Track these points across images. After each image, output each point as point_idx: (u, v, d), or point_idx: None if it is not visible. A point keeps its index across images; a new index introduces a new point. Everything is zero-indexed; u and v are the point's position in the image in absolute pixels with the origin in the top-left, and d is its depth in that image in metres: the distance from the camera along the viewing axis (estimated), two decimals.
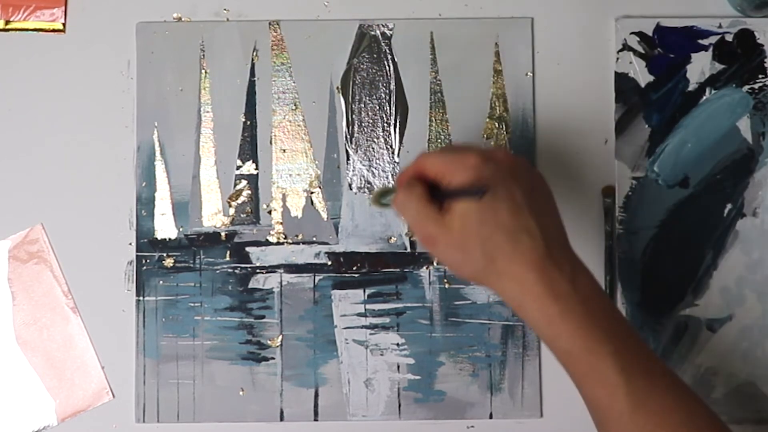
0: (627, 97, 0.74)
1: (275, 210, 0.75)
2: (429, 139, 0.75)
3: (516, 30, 0.75)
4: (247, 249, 0.74)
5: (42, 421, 0.74)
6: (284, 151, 0.75)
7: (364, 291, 0.74)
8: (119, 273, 0.74)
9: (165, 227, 0.74)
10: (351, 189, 0.75)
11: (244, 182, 0.75)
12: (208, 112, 0.75)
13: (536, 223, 0.60)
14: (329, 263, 0.74)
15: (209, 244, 0.74)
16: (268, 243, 0.74)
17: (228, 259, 0.74)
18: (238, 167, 0.75)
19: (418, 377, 0.74)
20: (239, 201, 0.75)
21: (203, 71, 0.75)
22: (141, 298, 0.74)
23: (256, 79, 0.75)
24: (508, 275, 0.60)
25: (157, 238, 0.74)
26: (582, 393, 0.61)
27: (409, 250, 0.74)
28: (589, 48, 0.75)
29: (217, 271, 0.74)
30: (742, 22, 0.75)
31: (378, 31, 0.75)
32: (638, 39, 0.74)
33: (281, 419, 0.74)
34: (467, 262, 0.61)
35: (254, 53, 0.75)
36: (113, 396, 0.74)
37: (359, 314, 0.74)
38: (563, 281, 0.59)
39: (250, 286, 0.74)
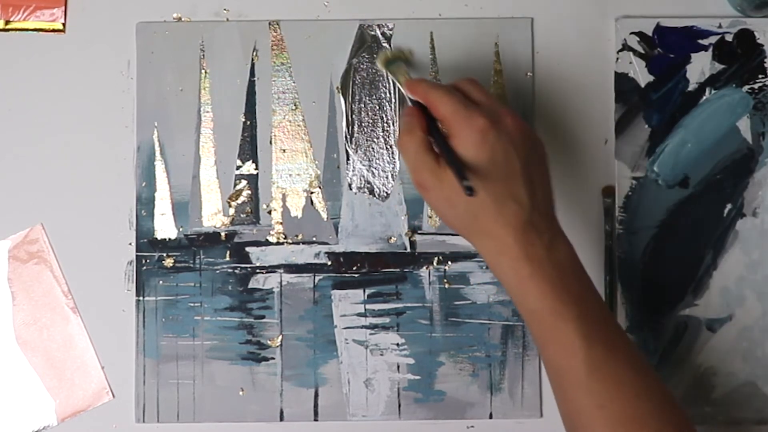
0: (627, 97, 0.74)
1: (275, 210, 0.75)
2: None
3: (516, 30, 0.75)
4: (247, 249, 0.74)
5: (42, 421, 0.74)
6: (284, 151, 0.75)
7: (364, 291, 0.74)
8: (119, 273, 0.74)
9: (165, 227, 0.74)
10: (351, 189, 0.75)
11: (244, 182, 0.75)
12: (208, 112, 0.75)
13: (526, 191, 0.63)
14: (329, 263, 0.74)
15: (209, 244, 0.74)
16: (268, 243, 0.74)
17: (228, 259, 0.74)
18: (238, 167, 0.75)
19: (418, 377, 0.74)
20: (239, 201, 0.75)
21: (203, 71, 0.75)
22: (141, 298, 0.74)
23: (256, 79, 0.75)
24: (489, 234, 0.63)
25: (157, 238, 0.74)
26: (543, 355, 0.64)
27: (409, 250, 0.74)
28: (589, 48, 0.75)
29: (217, 271, 0.74)
30: (742, 22, 0.75)
31: (378, 31, 0.75)
32: (638, 39, 0.74)
33: (281, 419, 0.74)
34: (454, 216, 0.64)
35: (254, 53, 0.75)
36: (113, 396, 0.74)
37: (359, 314, 0.74)
38: (539, 246, 0.62)
39: (250, 286, 0.74)
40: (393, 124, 0.75)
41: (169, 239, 0.74)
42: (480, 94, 0.66)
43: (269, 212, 0.75)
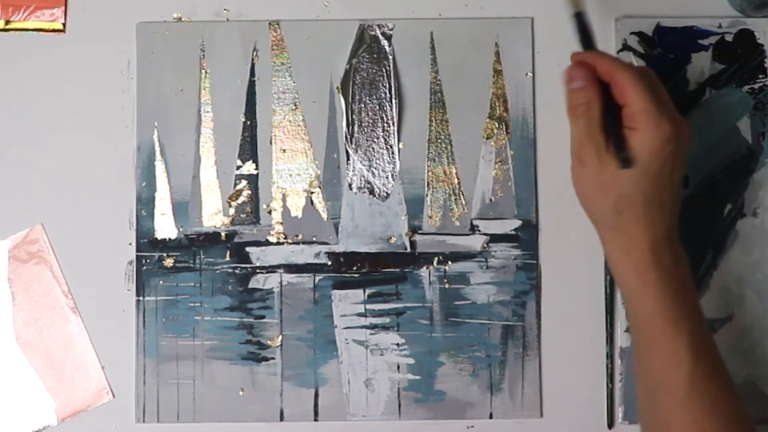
0: None
1: (275, 210, 0.75)
2: (429, 139, 0.75)
3: (516, 30, 0.75)
4: (247, 249, 0.74)
5: (42, 421, 0.74)
6: (284, 151, 0.75)
7: (364, 291, 0.74)
8: (119, 273, 0.74)
9: (165, 227, 0.74)
10: (351, 189, 0.75)
11: (244, 182, 0.75)
12: (208, 112, 0.75)
13: (673, 204, 0.64)
14: (329, 263, 0.74)
15: (209, 244, 0.74)
16: (268, 243, 0.74)
17: (228, 259, 0.74)
18: (238, 167, 0.75)
19: (418, 377, 0.74)
20: (239, 201, 0.75)
21: (203, 71, 0.75)
22: (141, 298, 0.74)
23: (256, 79, 0.75)
24: (626, 233, 0.63)
25: (157, 238, 0.74)
26: (643, 360, 0.64)
27: (409, 250, 0.74)
28: None
29: (217, 271, 0.74)
30: (742, 22, 0.75)
31: (378, 31, 0.75)
32: (638, 39, 0.75)
33: (281, 419, 0.74)
34: (601, 203, 0.64)
35: (254, 53, 0.75)
36: (113, 396, 0.74)
37: (359, 314, 0.74)
38: (668, 257, 0.63)
39: (250, 286, 0.74)
40: (393, 124, 0.75)
41: (169, 239, 0.74)
42: (663, 92, 0.65)
43: (269, 212, 0.75)
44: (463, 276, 0.74)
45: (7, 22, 0.75)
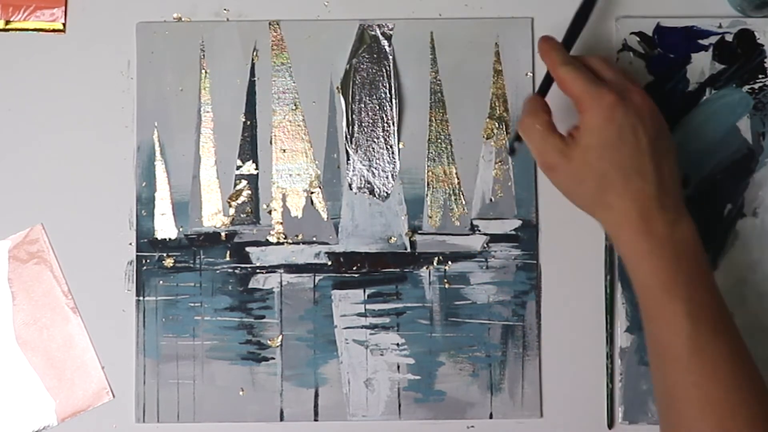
0: None
1: (275, 210, 0.75)
2: (429, 139, 0.75)
3: (516, 30, 0.75)
4: (247, 249, 0.74)
5: (42, 421, 0.74)
6: (284, 151, 0.75)
7: (364, 291, 0.74)
8: (119, 273, 0.74)
9: (165, 227, 0.74)
10: (351, 189, 0.75)
11: (244, 182, 0.75)
12: (208, 112, 0.75)
13: (653, 167, 0.64)
14: (329, 263, 0.74)
15: (209, 244, 0.74)
16: (268, 243, 0.74)
17: (228, 259, 0.74)
18: (238, 167, 0.75)
19: (418, 377, 0.74)
20: (239, 201, 0.75)
21: (203, 71, 0.75)
22: (141, 298, 0.74)
23: (256, 79, 0.75)
24: (614, 208, 0.65)
25: (157, 238, 0.74)
26: (647, 328, 0.65)
27: (409, 250, 0.74)
28: (589, 48, 0.75)
29: (217, 271, 0.74)
30: (742, 22, 0.75)
31: (378, 31, 0.75)
32: (638, 39, 0.75)
33: (281, 419, 0.74)
34: (581, 191, 0.67)
35: (254, 53, 0.75)
36: (113, 396, 0.74)
37: (359, 314, 0.74)
38: (661, 223, 0.64)
39: (250, 286, 0.74)
40: (393, 124, 0.75)
41: (169, 239, 0.74)
42: (608, 71, 0.68)
43: (269, 212, 0.75)
44: (463, 276, 0.74)
45: (7, 22, 0.75)
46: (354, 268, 0.74)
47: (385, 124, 0.75)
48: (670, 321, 0.63)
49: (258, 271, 0.74)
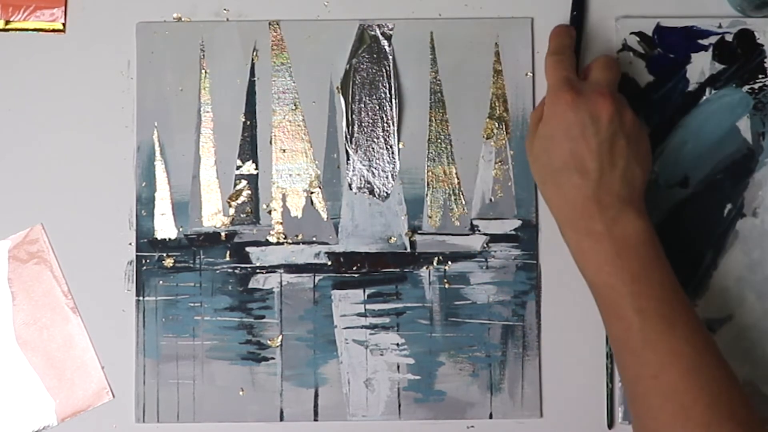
0: (627, 97, 0.74)
1: (275, 210, 0.75)
2: (429, 139, 0.75)
3: (516, 30, 0.75)
4: (247, 249, 0.74)
5: (42, 421, 0.74)
6: (284, 151, 0.75)
7: (364, 291, 0.74)
8: (119, 273, 0.74)
9: (165, 227, 0.74)
10: (351, 189, 0.75)
11: (244, 182, 0.75)
12: (208, 112, 0.75)
13: (597, 166, 0.65)
14: (329, 263, 0.74)
15: (209, 244, 0.74)
16: (268, 243, 0.74)
17: (228, 259, 0.74)
18: (238, 167, 0.75)
19: (418, 377, 0.74)
20: (239, 201, 0.75)
21: (203, 71, 0.75)
22: (141, 298, 0.74)
23: (256, 79, 0.75)
24: (553, 202, 0.68)
25: (157, 238, 0.74)
26: (604, 322, 0.67)
27: (409, 250, 0.74)
28: (589, 48, 0.75)
29: (217, 271, 0.74)
30: (742, 22, 0.75)
31: (378, 31, 0.75)
32: (638, 39, 0.75)
33: (281, 419, 0.74)
34: (534, 175, 0.70)
35: (254, 53, 0.75)
36: (113, 396, 0.74)
37: (359, 314, 0.74)
38: (599, 222, 0.65)
39: (250, 286, 0.74)
40: (393, 124, 0.75)
41: (169, 239, 0.74)
42: (600, 72, 0.69)
43: (269, 212, 0.75)
44: (463, 276, 0.74)
45: (7, 22, 0.75)
46: (354, 268, 0.74)
47: (385, 124, 0.75)
48: (621, 317, 0.64)
49: (258, 271, 0.74)
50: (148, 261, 0.74)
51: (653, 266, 0.65)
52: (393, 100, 0.75)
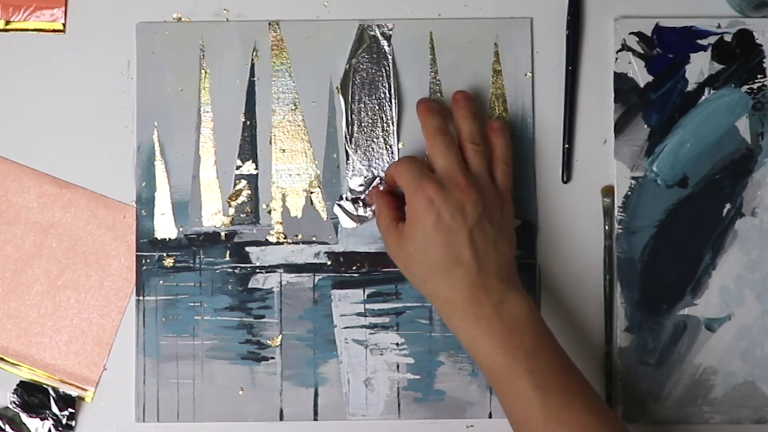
0: (626, 97, 0.74)
1: (275, 210, 0.75)
2: None
3: (516, 30, 0.75)
4: (247, 249, 0.74)
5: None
6: (284, 151, 0.75)
7: (364, 291, 0.74)
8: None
9: (165, 227, 0.74)
10: (351, 189, 0.75)
11: (243, 182, 0.75)
12: (208, 112, 0.75)
13: (472, 254, 0.66)
14: (329, 263, 0.74)
15: (209, 244, 0.74)
16: (267, 243, 0.74)
17: (228, 258, 0.74)
18: (238, 167, 0.75)
19: (417, 377, 0.74)
20: (239, 201, 0.75)
21: (203, 71, 0.75)
22: (141, 298, 0.74)
23: (256, 79, 0.75)
24: (440, 297, 0.67)
25: (157, 238, 0.74)
26: (502, 406, 0.66)
27: None
28: (589, 48, 0.75)
29: (217, 271, 0.74)
30: (741, 23, 0.75)
31: (377, 31, 0.75)
32: (637, 39, 0.75)
33: (281, 419, 0.74)
34: (414, 281, 0.69)
35: (254, 53, 0.75)
36: (113, 396, 0.74)
37: (359, 314, 0.74)
38: (487, 305, 0.65)
39: (250, 285, 0.74)
40: (393, 124, 0.75)
41: (169, 239, 0.74)
42: (442, 159, 0.69)
43: (269, 212, 0.75)
44: None
45: (7, 22, 0.75)
46: (353, 268, 0.74)
47: (385, 124, 0.75)
48: (521, 395, 0.64)
49: (258, 270, 0.74)
50: (148, 261, 0.74)
51: (544, 342, 0.66)
52: (392, 100, 0.75)
